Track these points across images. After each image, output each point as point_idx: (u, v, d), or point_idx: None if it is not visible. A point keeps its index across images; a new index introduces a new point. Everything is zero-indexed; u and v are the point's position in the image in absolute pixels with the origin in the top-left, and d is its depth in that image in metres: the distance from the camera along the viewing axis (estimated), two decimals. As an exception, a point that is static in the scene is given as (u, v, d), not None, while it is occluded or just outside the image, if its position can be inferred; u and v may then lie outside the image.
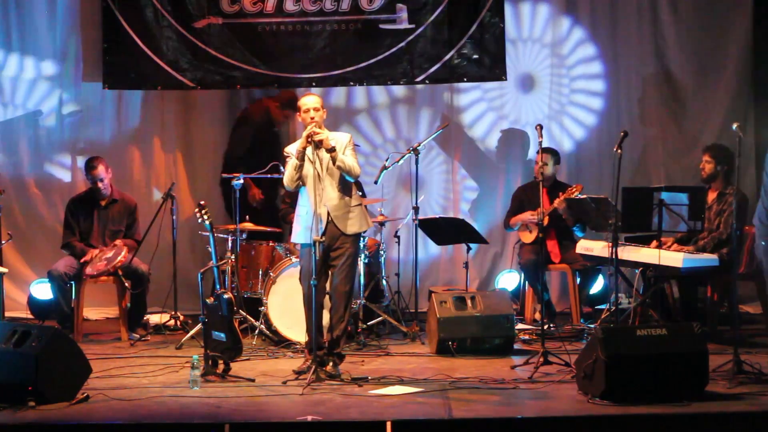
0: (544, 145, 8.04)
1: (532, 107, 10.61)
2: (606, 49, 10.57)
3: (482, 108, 10.68)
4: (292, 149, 7.55)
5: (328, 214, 7.41)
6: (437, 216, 9.83)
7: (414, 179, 9.26)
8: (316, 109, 7.44)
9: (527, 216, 9.48)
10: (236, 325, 7.69)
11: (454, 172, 10.69)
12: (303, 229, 7.50)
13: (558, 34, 10.55)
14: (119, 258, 9.02)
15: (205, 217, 7.67)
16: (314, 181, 7.41)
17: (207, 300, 7.64)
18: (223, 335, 7.52)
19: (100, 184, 9.27)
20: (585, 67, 10.63)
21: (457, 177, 10.70)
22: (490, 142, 10.69)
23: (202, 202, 7.79)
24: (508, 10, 10.31)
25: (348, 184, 7.50)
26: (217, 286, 7.78)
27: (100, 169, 9.28)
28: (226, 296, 7.54)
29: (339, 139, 7.49)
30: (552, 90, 10.59)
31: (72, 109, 10.52)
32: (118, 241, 9.20)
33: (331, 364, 7.41)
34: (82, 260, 9.06)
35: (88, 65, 10.40)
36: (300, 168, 7.41)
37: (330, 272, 7.55)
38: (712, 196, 8.66)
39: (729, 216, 8.37)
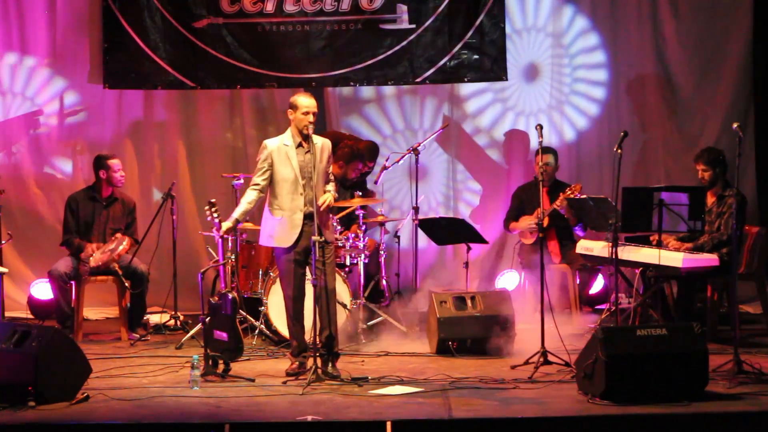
0: (545, 143, 8.02)
1: (533, 98, 10.61)
2: (607, 52, 10.58)
3: (483, 92, 10.67)
4: (270, 143, 7.55)
5: (312, 217, 7.36)
6: (438, 216, 9.83)
7: (414, 179, 9.27)
8: (314, 113, 7.44)
9: (526, 223, 9.48)
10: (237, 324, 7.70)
11: (454, 170, 10.70)
12: (284, 234, 7.47)
13: (560, 26, 10.57)
14: (121, 247, 9.01)
15: (215, 215, 7.65)
16: (294, 184, 7.39)
17: (211, 299, 7.64)
18: (224, 335, 7.52)
19: (116, 175, 9.23)
20: (586, 72, 10.65)
21: (458, 176, 10.70)
22: (492, 135, 10.70)
23: (212, 200, 7.76)
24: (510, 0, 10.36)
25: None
26: (223, 285, 7.77)
27: (117, 161, 9.30)
28: (230, 295, 7.53)
29: (321, 145, 7.49)
30: (553, 87, 10.60)
31: (72, 109, 10.52)
32: (118, 234, 9.18)
33: (330, 364, 7.40)
34: (81, 255, 9.04)
35: (88, 65, 10.41)
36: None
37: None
38: (711, 199, 8.65)
39: (729, 217, 8.37)
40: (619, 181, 7.76)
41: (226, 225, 7.54)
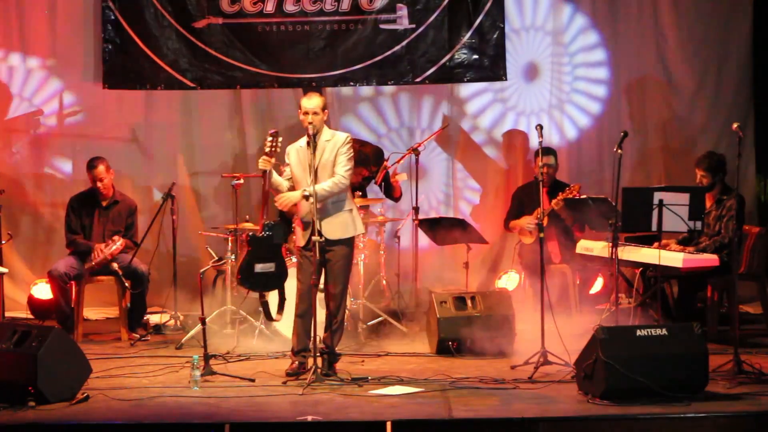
0: (545, 143, 8.02)
1: (533, 97, 10.61)
2: (607, 50, 10.58)
3: (483, 92, 10.66)
4: (289, 147, 7.56)
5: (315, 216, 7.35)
6: (438, 216, 9.82)
7: (414, 179, 9.26)
8: (315, 113, 7.40)
9: (525, 222, 9.47)
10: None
11: (454, 169, 10.70)
12: (300, 233, 7.49)
13: (560, 25, 10.58)
14: (114, 247, 8.98)
15: (275, 145, 7.48)
16: (305, 184, 7.39)
17: (255, 234, 7.95)
18: (271, 264, 7.63)
19: (99, 184, 9.24)
20: (587, 71, 10.65)
21: (458, 176, 10.70)
22: (492, 135, 10.70)
23: (275, 131, 7.62)
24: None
25: None
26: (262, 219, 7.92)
27: (101, 169, 9.26)
28: (275, 223, 7.83)
29: (336, 139, 7.48)
30: (553, 86, 10.61)
31: (72, 109, 10.53)
32: (115, 237, 9.15)
33: (327, 363, 7.40)
34: (89, 258, 9.03)
35: (88, 65, 10.41)
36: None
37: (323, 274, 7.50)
38: (709, 202, 8.64)
39: (729, 220, 8.38)
40: (619, 181, 7.76)
41: (273, 169, 7.45)
